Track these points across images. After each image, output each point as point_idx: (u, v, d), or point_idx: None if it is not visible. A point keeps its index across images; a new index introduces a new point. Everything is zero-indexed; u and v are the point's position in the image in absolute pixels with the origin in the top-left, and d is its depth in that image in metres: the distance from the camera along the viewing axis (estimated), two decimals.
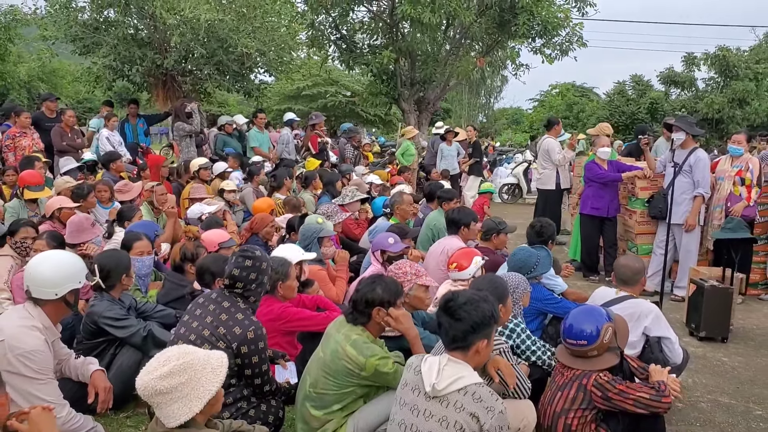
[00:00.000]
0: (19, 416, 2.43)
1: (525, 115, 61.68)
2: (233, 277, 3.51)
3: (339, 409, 3.42)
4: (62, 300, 3.29)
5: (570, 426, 3.40)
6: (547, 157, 10.13)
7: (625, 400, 3.30)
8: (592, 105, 47.59)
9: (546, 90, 57.08)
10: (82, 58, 13.54)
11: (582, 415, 3.41)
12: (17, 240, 4.92)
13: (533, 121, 54.30)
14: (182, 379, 2.52)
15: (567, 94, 53.69)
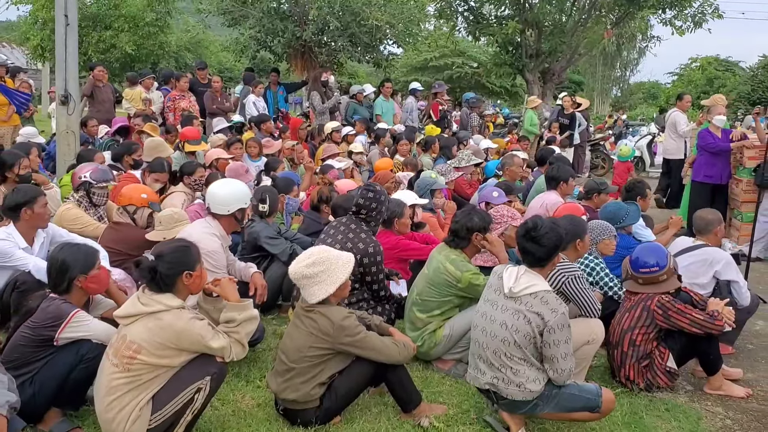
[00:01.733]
0: (214, 283, 3.45)
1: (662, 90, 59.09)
2: (358, 205, 4.43)
3: (439, 314, 4.27)
4: (233, 216, 4.36)
5: (635, 341, 4.06)
6: (674, 128, 10.60)
7: (682, 318, 3.94)
8: (734, 79, 44.94)
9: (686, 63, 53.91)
10: (230, 30, 15.00)
11: (645, 332, 4.06)
12: (195, 178, 6.10)
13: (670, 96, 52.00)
14: (321, 268, 3.45)
15: (708, 68, 50.62)
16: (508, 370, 3.40)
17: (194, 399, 3.13)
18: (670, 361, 4.07)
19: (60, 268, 3.39)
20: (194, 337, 3.10)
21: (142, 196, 5.10)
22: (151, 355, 3.06)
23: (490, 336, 3.45)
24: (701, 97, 46.35)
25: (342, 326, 3.43)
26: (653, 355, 4.09)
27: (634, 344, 4.08)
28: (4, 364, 3.19)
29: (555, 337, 3.33)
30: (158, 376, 3.11)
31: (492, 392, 3.49)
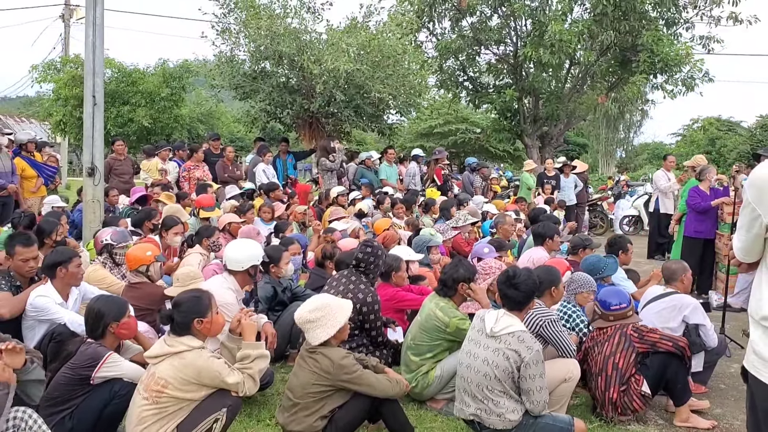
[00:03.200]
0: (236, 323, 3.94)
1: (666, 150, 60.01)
2: (358, 258, 4.95)
3: (431, 357, 4.73)
4: (246, 272, 4.89)
5: (617, 364, 4.53)
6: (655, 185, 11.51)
7: (654, 336, 4.62)
8: (735, 139, 45.77)
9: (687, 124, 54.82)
10: (240, 101, 15.87)
11: (626, 356, 4.55)
12: (213, 240, 6.66)
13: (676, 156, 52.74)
14: (323, 313, 3.95)
15: (710, 129, 51.48)
16: (490, 402, 3.85)
17: (213, 428, 3.59)
18: (644, 386, 4.53)
19: (96, 316, 3.91)
20: (213, 374, 3.58)
21: (147, 254, 5.61)
22: (177, 390, 3.54)
23: (474, 371, 3.91)
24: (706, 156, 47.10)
25: (341, 365, 3.90)
26: (630, 381, 4.53)
27: (616, 367, 4.54)
28: (46, 402, 3.67)
29: (531, 371, 3.78)
30: (182, 408, 3.58)
31: (476, 423, 3.92)
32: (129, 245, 6.10)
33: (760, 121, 39.65)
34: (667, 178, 11.57)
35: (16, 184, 9.27)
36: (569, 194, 14.90)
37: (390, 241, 8.15)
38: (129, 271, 5.56)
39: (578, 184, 15.28)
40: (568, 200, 14.52)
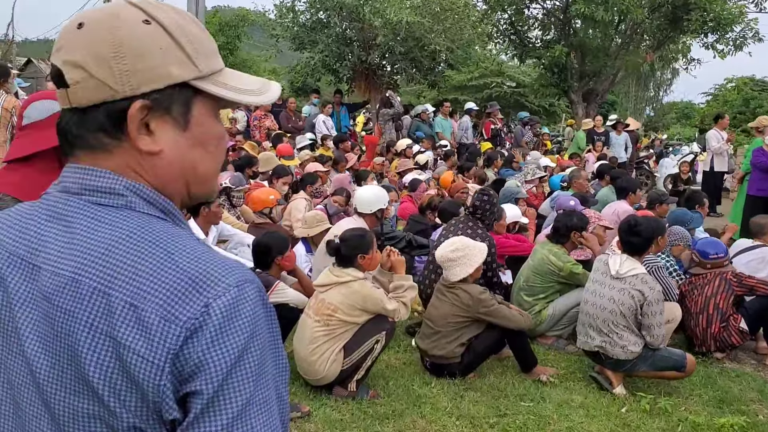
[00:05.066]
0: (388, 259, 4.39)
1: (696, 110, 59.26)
2: (475, 206, 5.37)
3: (543, 297, 5.18)
4: (374, 215, 5.34)
5: (718, 304, 4.95)
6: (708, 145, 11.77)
7: (752, 281, 4.94)
8: None
9: (721, 84, 53.77)
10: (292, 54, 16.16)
11: (726, 297, 4.96)
12: (317, 186, 7.11)
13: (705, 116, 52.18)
14: (463, 253, 4.39)
15: (744, 89, 50.58)
16: (615, 335, 4.30)
17: (374, 348, 4.08)
18: (742, 323, 4.97)
19: (264, 249, 4.38)
20: (375, 301, 4.05)
21: (271, 197, 6.10)
22: (344, 314, 4.02)
23: (600, 308, 4.36)
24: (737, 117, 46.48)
25: (480, 299, 4.37)
26: (729, 320, 4.97)
27: (717, 307, 4.97)
28: None
29: (652, 309, 4.22)
30: (347, 330, 4.07)
31: (601, 354, 4.39)
32: (246, 189, 6.56)
33: None
34: (718, 138, 11.82)
35: None
36: (620, 151, 15.07)
37: (456, 190, 8.55)
38: (253, 212, 6.03)
39: (628, 143, 15.42)
40: (619, 157, 14.70)
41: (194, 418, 0.81)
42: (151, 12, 0.92)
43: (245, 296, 0.85)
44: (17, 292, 0.89)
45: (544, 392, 4.32)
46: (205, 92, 0.95)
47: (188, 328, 0.81)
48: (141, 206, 0.92)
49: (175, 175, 0.96)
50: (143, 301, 0.82)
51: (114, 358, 0.81)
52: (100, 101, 0.90)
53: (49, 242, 0.90)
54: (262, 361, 0.85)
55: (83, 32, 0.91)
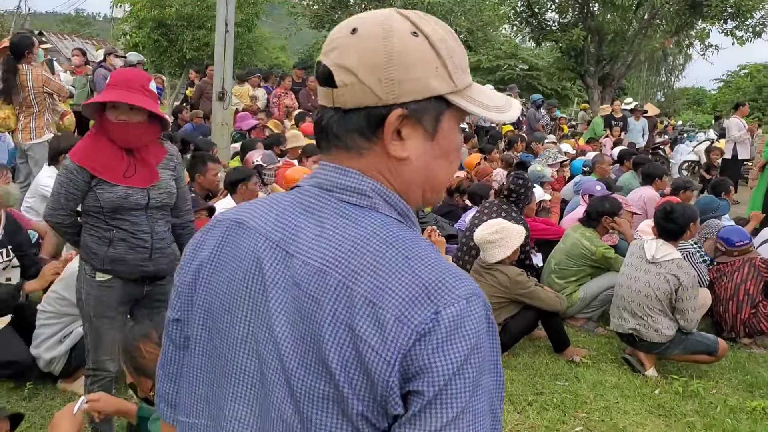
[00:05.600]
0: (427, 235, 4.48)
1: (708, 96, 58.88)
2: (510, 189, 5.43)
3: (575, 280, 5.27)
4: None
5: (748, 291, 5.03)
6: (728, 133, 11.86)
7: None
8: None
9: (734, 71, 53.19)
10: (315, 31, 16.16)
11: (755, 284, 5.04)
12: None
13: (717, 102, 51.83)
14: (501, 235, 4.47)
15: (758, 76, 50.10)
16: (649, 318, 4.39)
17: None
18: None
19: None
20: None
21: (304, 176, 6.16)
22: None
23: (635, 292, 4.44)
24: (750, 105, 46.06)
25: (517, 281, 4.46)
26: (758, 306, 5.05)
27: (747, 293, 5.06)
28: None
29: (687, 293, 4.31)
30: None
31: (635, 336, 4.48)
32: (278, 166, 6.64)
33: None
34: (740, 126, 11.81)
35: None
36: (637, 137, 15.04)
37: (483, 174, 8.62)
38: (285, 190, 6.10)
39: (645, 129, 15.38)
40: (637, 143, 14.69)
41: (412, 415, 0.87)
42: (419, 24, 0.98)
43: (473, 309, 0.90)
44: (271, 274, 0.98)
45: (578, 372, 4.42)
46: (455, 106, 1.00)
47: (418, 331, 0.87)
48: (383, 208, 1.00)
49: (418, 182, 1.03)
50: (381, 299, 0.89)
51: (351, 348, 0.89)
52: (363, 105, 0.97)
53: (302, 233, 0.98)
54: (480, 374, 0.90)
55: (357, 38, 0.97)
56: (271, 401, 0.96)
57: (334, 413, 0.90)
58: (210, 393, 1.05)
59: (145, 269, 2.81)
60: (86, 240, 2.80)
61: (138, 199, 2.75)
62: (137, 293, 2.88)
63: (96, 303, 2.79)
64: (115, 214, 2.74)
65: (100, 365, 2.86)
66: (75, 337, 3.61)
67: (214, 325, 1.04)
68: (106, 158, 2.72)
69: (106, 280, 2.77)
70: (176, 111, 11.52)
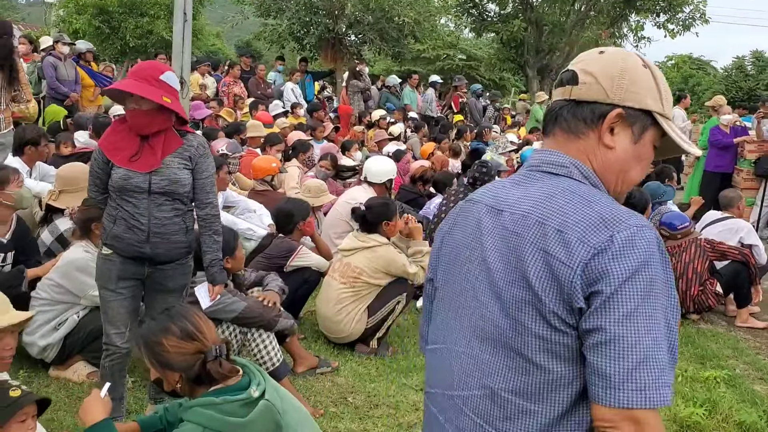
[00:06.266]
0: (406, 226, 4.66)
1: None
2: (474, 177, 5.69)
3: None
4: (384, 185, 5.59)
5: (696, 269, 5.41)
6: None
7: (723, 245, 5.54)
8: (708, 79, 46.87)
9: (662, 62, 55.14)
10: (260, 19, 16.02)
11: (702, 262, 5.44)
12: (309, 155, 7.27)
13: None
14: None
15: (683, 67, 52.16)
16: None
17: (395, 308, 4.39)
18: (717, 287, 5.49)
19: (287, 215, 4.60)
20: (398, 264, 4.33)
21: (273, 165, 6.26)
22: (369, 277, 4.30)
23: None
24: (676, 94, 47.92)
25: None
26: (706, 283, 5.46)
27: (696, 271, 5.44)
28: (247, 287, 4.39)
29: None
30: (371, 292, 4.35)
31: None
32: (242, 155, 6.70)
33: (737, 62, 40.80)
34: (683, 116, 12.41)
35: (78, 93, 9.61)
36: None
37: (441, 164, 8.88)
38: (254, 179, 6.20)
39: None
40: None
41: (594, 309, 1.17)
42: (647, 63, 1.37)
43: (643, 234, 1.20)
44: (487, 226, 1.37)
45: None
46: (658, 126, 1.35)
47: (596, 248, 1.18)
48: (576, 176, 1.33)
49: (614, 170, 1.35)
50: (567, 228, 1.23)
51: (544, 264, 1.23)
52: (593, 100, 1.33)
53: (510, 197, 1.36)
54: (651, 285, 1.17)
55: (602, 57, 1.37)
56: (485, 313, 1.33)
57: (533, 313, 1.24)
58: (445, 322, 1.45)
59: (141, 250, 2.94)
60: (104, 216, 3.01)
61: (138, 182, 2.88)
62: (138, 273, 3.00)
63: (99, 274, 3.02)
64: (122, 194, 2.91)
65: (109, 339, 3.02)
66: (70, 325, 3.65)
67: (448, 273, 1.46)
68: (119, 142, 2.92)
69: (108, 254, 2.97)
70: None
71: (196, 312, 2.25)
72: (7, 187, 3.77)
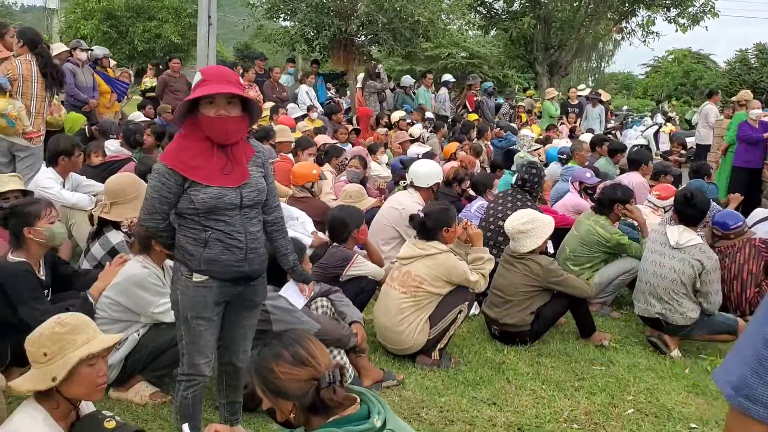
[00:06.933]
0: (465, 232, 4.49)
1: (637, 81, 60.74)
2: (524, 179, 5.53)
3: (589, 267, 5.40)
4: (431, 188, 5.44)
5: (751, 270, 5.21)
6: (706, 119, 12.53)
7: None
8: (711, 73, 46.71)
9: (661, 56, 54.91)
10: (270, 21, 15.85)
11: (757, 263, 5.24)
12: (341, 159, 7.11)
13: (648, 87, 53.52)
14: (533, 225, 4.56)
15: (684, 61, 51.95)
16: (675, 302, 4.56)
17: (457, 318, 4.23)
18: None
19: (341, 224, 4.45)
20: (459, 272, 4.18)
21: (313, 171, 6.12)
22: (430, 285, 4.14)
23: (661, 277, 4.61)
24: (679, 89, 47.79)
25: (550, 269, 4.56)
26: (762, 284, 5.29)
27: (751, 272, 5.24)
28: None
29: (710, 277, 4.50)
30: (432, 301, 4.20)
31: (661, 320, 4.64)
32: (276, 160, 6.54)
33: (740, 55, 40.63)
34: (716, 112, 12.40)
35: (96, 100, 9.44)
36: (594, 123, 15.42)
37: (470, 165, 8.72)
38: (294, 185, 6.04)
39: (602, 116, 15.77)
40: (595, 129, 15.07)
41: None
42: None
43: None
44: None
45: (610, 356, 4.57)
46: None
47: None
48: None
49: None
50: None
51: None
52: None
53: None
54: None
55: None
56: None
57: None
58: None
59: (240, 269, 2.75)
60: (181, 242, 2.73)
61: (231, 199, 2.68)
62: (232, 294, 2.82)
63: (193, 304, 2.73)
64: (210, 214, 2.68)
65: (196, 369, 2.80)
66: (130, 344, 3.49)
67: None
68: (197, 159, 2.66)
69: (203, 281, 2.71)
70: (140, 106, 11.17)
71: (309, 337, 2.10)
72: (37, 222, 3.57)
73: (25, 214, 3.53)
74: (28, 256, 3.56)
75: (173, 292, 2.79)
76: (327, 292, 3.93)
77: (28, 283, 3.46)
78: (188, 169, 2.64)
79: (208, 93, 2.57)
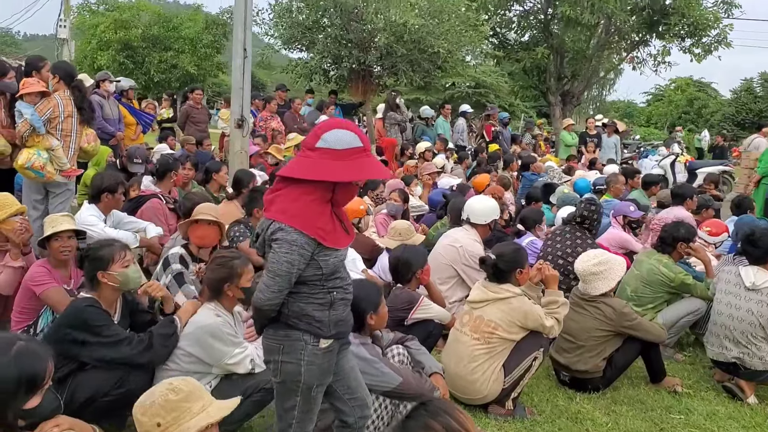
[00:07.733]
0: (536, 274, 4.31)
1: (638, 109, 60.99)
2: (583, 216, 5.37)
3: (652, 307, 5.19)
4: (488, 225, 5.26)
5: None
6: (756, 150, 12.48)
7: None
8: (715, 102, 46.90)
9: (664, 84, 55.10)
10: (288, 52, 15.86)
11: None
12: (378, 192, 6.97)
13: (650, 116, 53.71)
14: (605, 267, 4.38)
15: (687, 89, 52.14)
16: (753, 346, 4.36)
17: (532, 365, 4.02)
18: None
19: (405, 264, 4.27)
20: (535, 317, 3.99)
21: (361, 207, 5.97)
22: (504, 331, 3.95)
23: (738, 320, 4.41)
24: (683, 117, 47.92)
25: (623, 313, 4.37)
26: None
27: None
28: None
29: None
30: (506, 348, 4.00)
31: (739, 365, 4.43)
32: None
33: (745, 84, 40.89)
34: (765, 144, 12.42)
35: (122, 132, 9.32)
36: (610, 153, 15.32)
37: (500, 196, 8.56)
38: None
39: (618, 146, 15.71)
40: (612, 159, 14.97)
41: None
42: None
43: None
44: None
45: (687, 404, 4.36)
46: None
47: None
48: None
49: None
50: None
51: None
52: None
53: None
54: None
55: None
56: None
57: None
58: None
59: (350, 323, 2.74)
60: (306, 310, 2.57)
61: (344, 256, 2.67)
62: None
63: (321, 372, 2.62)
64: (332, 276, 2.59)
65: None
66: None
67: None
68: (327, 224, 2.55)
69: (329, 345, 2.61)
70: (161, 138, 11.07)
71: (457, 406, 1.91)
72: (111, 266, 3.41)
73: (98, 258, 3.37)
74: (102, 299, 3.39)
75: (295, 364, 2.60)
76: (402, 339, 3.74)
77: (91, 315, 3.27)
78: (326, 237, 2.53)
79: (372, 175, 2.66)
